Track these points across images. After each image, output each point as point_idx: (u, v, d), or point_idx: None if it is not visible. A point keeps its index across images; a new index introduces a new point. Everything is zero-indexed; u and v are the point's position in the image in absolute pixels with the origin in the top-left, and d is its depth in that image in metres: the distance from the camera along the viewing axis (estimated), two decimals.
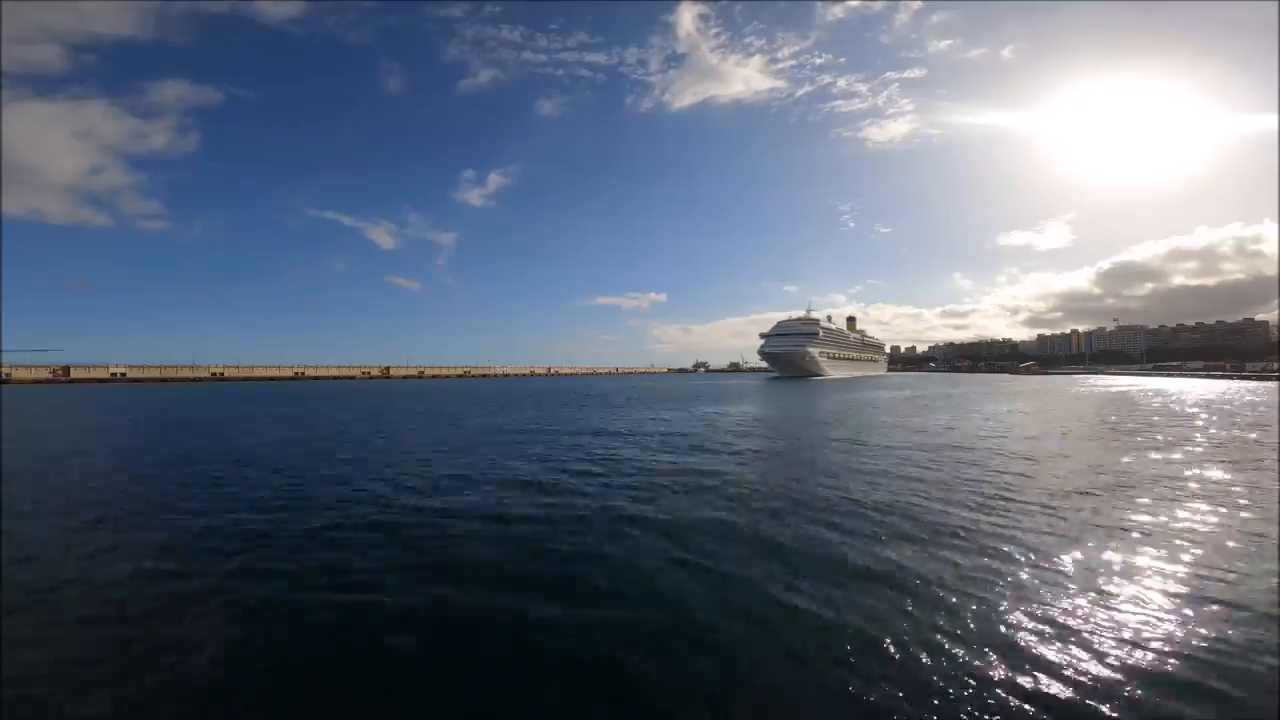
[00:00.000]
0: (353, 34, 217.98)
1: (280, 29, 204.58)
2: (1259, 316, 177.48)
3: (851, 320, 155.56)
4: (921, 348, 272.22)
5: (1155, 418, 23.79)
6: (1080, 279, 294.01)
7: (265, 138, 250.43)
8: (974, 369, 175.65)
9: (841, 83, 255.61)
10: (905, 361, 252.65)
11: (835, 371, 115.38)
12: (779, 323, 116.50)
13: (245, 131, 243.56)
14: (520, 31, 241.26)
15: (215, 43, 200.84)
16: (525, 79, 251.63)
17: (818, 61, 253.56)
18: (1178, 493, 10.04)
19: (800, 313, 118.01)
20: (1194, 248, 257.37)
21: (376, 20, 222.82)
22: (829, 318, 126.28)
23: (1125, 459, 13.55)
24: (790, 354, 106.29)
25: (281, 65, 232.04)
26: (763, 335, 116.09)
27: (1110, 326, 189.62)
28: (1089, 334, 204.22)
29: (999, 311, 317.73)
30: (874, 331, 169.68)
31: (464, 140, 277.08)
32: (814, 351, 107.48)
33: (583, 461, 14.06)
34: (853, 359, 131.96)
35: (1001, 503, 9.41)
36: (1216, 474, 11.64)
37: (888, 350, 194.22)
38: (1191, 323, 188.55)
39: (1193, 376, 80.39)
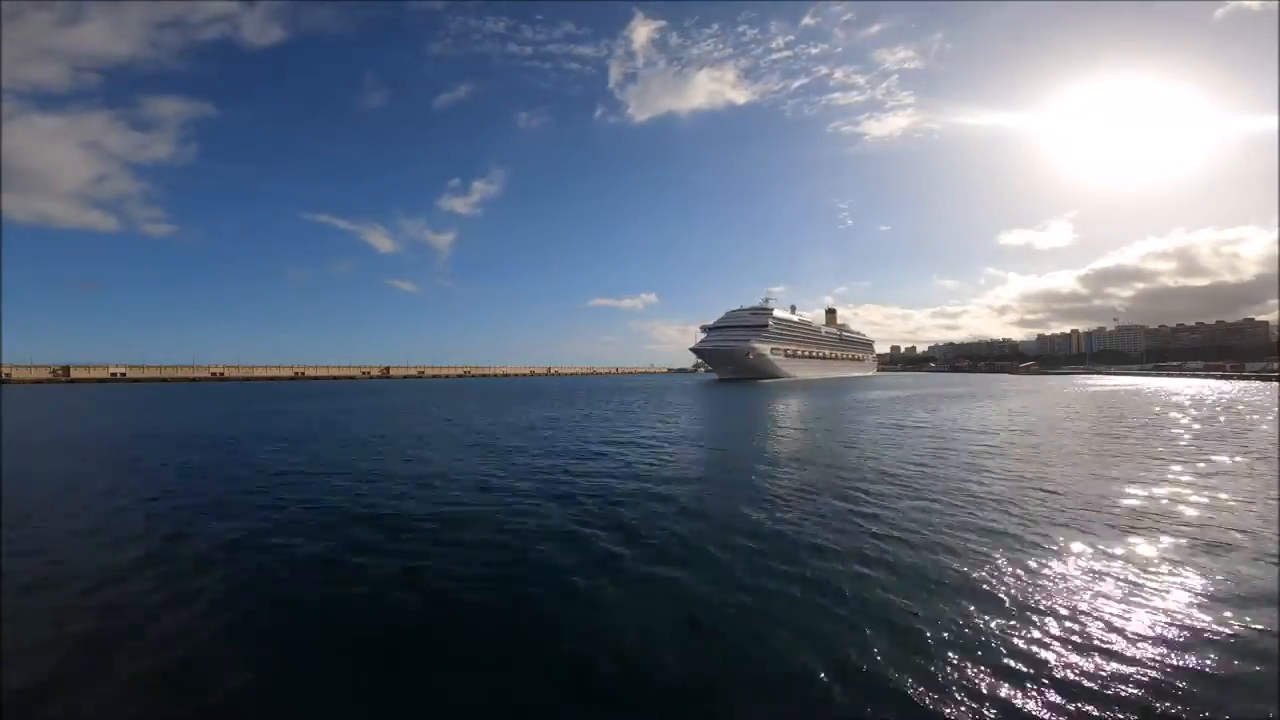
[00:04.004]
0: (335, 26, 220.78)
1: (266, 51, 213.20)
2: (1259, 316, 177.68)
3: (831, 314, 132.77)
4: (921, 348, 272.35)
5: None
6: (1067, 279, 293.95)
7: (259, 146, 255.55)
8: (974, 369, 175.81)
9: (839, 74, 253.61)
10: (905, 361, 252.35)
11: (801, 372, 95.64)
12: (726, 314, 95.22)
13: (241, 141, 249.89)
14: (505, 23, 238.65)
15: (207, 63, 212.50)
16: (509, 73, 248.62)
17: (813, 52, 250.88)
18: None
19: (758, 304, 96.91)
20: (1171, 249, 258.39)
21: (358, 14, 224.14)
22: (793, 308, 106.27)
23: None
24: (728, 351, 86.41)
25: (269, 81, 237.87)
26: (704, 328, 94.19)
27: (1110, 327, 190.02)
28: (1089, 334, 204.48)
29: (988, 312, 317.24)
30: (866, 331, 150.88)
31: (447, 149, 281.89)
32: (763, 348, 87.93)
33: None
34: (827, 357, 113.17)
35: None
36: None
37: (884, 349, 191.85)
38: (1191, 323, 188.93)
39: (1193, 376, 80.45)
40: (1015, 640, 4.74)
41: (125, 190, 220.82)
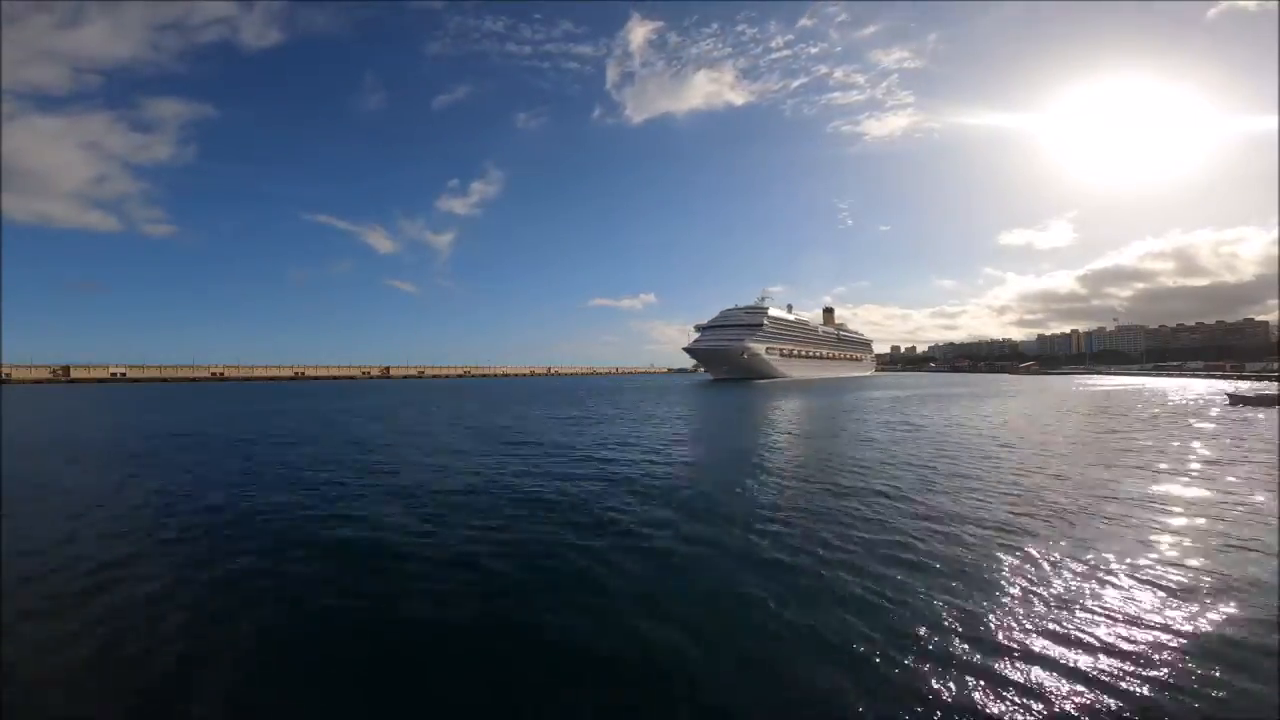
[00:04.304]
0: (333, 28, 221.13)
1: (265, 52, 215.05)
2: (1259, 317, 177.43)
3: (829, 313, 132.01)
4: (921, 348, 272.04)
5: None
6: (1066, 279, 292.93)
7: (259, 147, 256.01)
8: (973, 369, 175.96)
9: (839, 74, 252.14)
10: (905, 361, 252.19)
11: (797, 372, 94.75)
12: (720, 313, 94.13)
13: (240, 141, 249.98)
14: (503, 22, 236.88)
15: (206, 65, 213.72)
16: (507, 73, 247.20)
17: (812, 51, 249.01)
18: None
19: (753, 303, 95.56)
20: (1170, 249, 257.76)
21: (356, 15, 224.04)
22: (789, 308, 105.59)
23: None
24: (723, 351, 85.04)
25: (268, 82, 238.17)
26: (698, 328, 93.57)
27: (1110, 327, 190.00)
28: (1089, 334, 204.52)
29: (988, 312, 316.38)
30: (865, 331, 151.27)
31: (446, 150, 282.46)
32: (758, 347, 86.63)
33: None
34: (824, 357, 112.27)
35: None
36: None
37: (883, 349, 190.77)
38: (1191, 323, 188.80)
39: (1193, 377, 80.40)
40: (1014, 641, 4.76)
41: (125, 190, 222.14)
